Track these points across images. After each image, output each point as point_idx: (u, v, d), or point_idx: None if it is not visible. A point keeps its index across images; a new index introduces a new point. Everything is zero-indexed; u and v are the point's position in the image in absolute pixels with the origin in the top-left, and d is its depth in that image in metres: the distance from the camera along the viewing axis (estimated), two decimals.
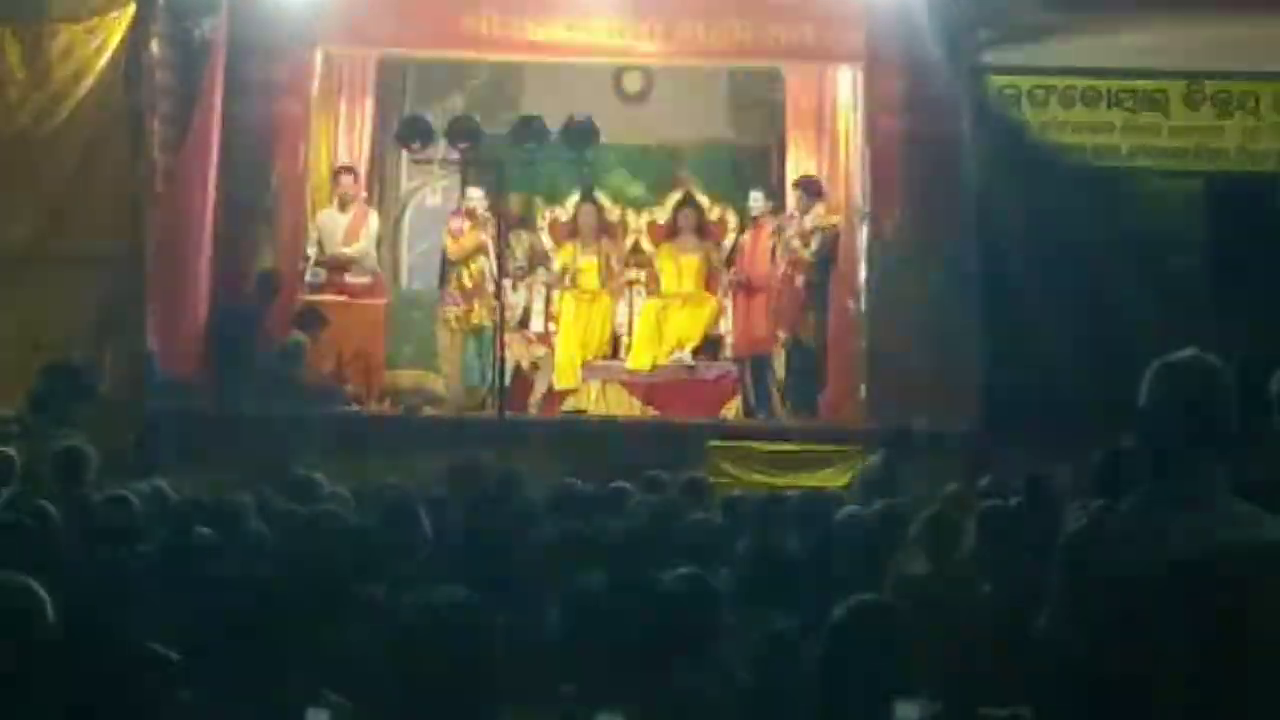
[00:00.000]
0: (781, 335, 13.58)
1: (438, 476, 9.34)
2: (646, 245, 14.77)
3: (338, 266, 13.59)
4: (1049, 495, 7.11)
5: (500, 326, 13.00)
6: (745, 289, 13.90)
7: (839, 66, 13.84)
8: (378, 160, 14.80)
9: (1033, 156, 12.96)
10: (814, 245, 13.33)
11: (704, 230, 14.58)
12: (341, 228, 13.66)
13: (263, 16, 12.84)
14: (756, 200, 13.93)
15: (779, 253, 13.53)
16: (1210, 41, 12.74)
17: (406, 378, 14.16)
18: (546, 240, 14.66)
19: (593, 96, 14.33)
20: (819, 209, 13.45)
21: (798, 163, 14.36)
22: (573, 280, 14.27)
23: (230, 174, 12.91)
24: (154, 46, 12.71)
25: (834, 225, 13.41)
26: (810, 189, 13.57)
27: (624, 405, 13.84)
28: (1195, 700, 3.33)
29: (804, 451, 12.25)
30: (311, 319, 12.94)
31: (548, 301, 14.39)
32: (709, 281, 14.40)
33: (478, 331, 13.73)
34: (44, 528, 6.26)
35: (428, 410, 13.27)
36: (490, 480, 8.66)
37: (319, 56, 13.62)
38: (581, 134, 13.14)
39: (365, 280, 13.70)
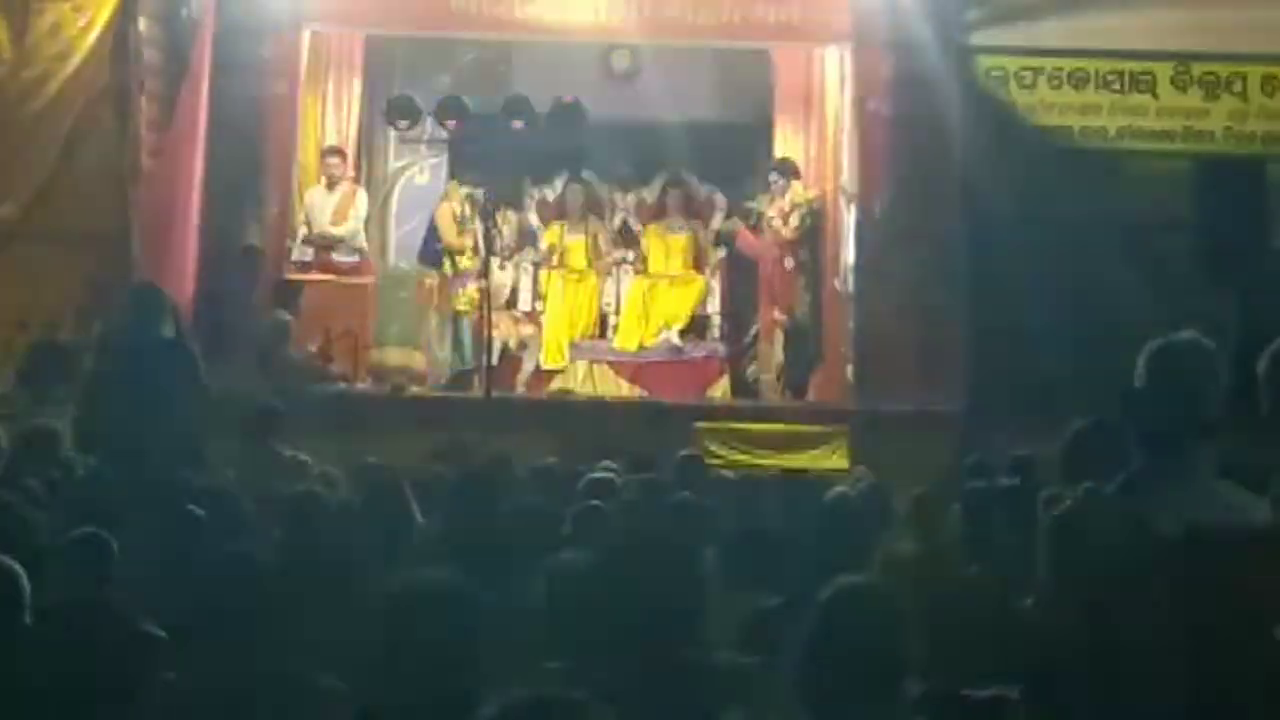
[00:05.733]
0: (778, 317, 13.60)
1: (424, 456, 9.32)
2: (634, 225, 14.78)
3: (325, 245, 13.56)
4: (1035, 475, 7.11)
5: (487, 305, 12.99)
6: (746, 271, 13.89)
7: (826, 47, 13.84)
8: (365, 139, 14.77)
9: (1020, 137, 12.98)
10: (793, 222, 13.38)
11: (691, 210, 14.58)
12: (330, 207, 13.62)
13: None
14: (773, 180, 13.89)
15: (765, 234, 13.57)
16: (1198, 23, 12.75)
17: (393, 356, 14.14)
18: (534, 219, 14.65)
19: (580, 76, 14.29)
20: (796, 186, 13.50)
21: (785, 143, 14.36)
22: (560, 260, 14.25)
23: (217, 153, 12.90)
24: (141, 25, 12.69)
25: (812, 201, 13.46)
26: (784, 170, 13.68)
27: (611, 385, 13.84)
28: (1182, 681, 3.34)
29: (791, 431, 12.27)
30: (287, 294, 12.88)
31: (535, 281, 14.38)
32: (696, 261, 14.39)
33: (466, 311, 13.71)
34: (31, 506, 6.25)
35: (414, 389, 13.26)
36: (477, 460, 8.64)
37: (307, 36, 13.60)
38: (569, 114, 13.12)
39: (353, 259, 13.67)
